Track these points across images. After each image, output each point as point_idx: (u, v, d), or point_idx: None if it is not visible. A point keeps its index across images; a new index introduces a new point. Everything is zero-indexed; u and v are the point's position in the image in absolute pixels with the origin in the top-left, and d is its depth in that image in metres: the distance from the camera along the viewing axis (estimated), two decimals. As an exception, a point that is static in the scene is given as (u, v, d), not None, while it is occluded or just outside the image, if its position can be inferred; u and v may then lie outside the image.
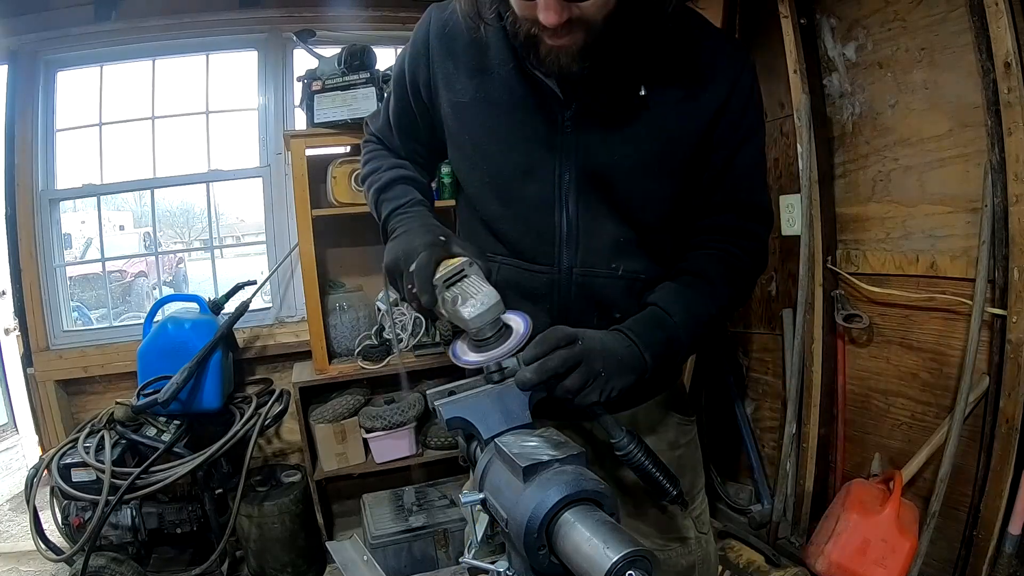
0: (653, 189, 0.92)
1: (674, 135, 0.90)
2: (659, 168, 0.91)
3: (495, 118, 0.93)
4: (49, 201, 2.62)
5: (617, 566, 0.51)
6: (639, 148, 0.90)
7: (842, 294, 2.07)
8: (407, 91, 1.01)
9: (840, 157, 2.09)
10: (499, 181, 0.95)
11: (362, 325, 2.48)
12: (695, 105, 0.89)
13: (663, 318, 0.88)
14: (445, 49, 0.94)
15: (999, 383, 1.64)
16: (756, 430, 2.49)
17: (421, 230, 0.88)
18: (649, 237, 0.94)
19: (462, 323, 0.79)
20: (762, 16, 2.21)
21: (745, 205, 0.96)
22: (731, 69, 0.90)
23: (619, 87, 0.87)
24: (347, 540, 0.90)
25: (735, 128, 0.92)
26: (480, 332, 0.80)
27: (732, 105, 0.90)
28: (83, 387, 2.58)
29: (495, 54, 0.91)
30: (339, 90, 2.29)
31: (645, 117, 0.89)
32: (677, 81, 0.88)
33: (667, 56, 0.88)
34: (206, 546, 2.23)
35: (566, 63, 0.81)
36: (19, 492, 2.94)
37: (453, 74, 0.94)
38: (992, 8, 1.52)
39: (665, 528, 1.08)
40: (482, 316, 0.78)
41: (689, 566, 1.10)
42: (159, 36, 2.63)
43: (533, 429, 0.76)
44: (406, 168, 1.04)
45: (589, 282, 0.94)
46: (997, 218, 1.61)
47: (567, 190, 0.92)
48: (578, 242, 0.93)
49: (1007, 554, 1.63)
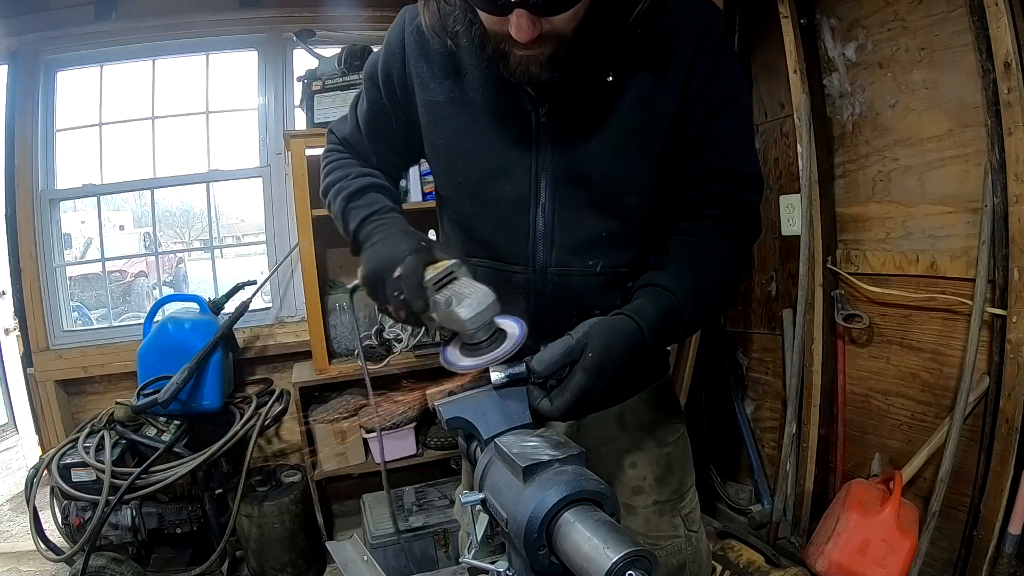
0: (633, 172, 0.90)
1: (648, 111, 0.88)
2: (637, 149, 0.89)
3: (469, 118, 0.92)
4: (49, 201, 2.62)
5: (617, 566, 0.52)
6: (613, 131, 0.88)
7: (842, 294, 2.07)
8: (381, 92, 1.00)
9: (840, 157, 2.09)
10: (474, 181, 0.94)
11: (362, 325, 2.48)
12: (664, 75, 0.87)
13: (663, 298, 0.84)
14: (420, 50, 0.94)
15: (999, 383, 1.64)
16: (756, 430, 2.49)
17: (401, 235, 0.86)
18: (632, 227, 0.92)
19: (458, 325, 0.77)
20: (762, 16, 2.21)
21: (733, 173, 0.92)
22: (697, 27, 0.87)
23: (588, 78, 0.87)
24: (347, 540, 0.90)
25: (707, 87, 0.88)
26: (475, 334, 0.77)
27: (701, 65, 0.87)
28: (83, 387, 2.58)
29: (467, 55, 0.91)
30: (339, 90, 2.29)
31: (616, 100, 0.87)
32: (644, 57, 0.87)
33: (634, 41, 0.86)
34: (206, 546, 2.23)
35: (536, 72, 0.81)
36: (19, 492, 2.94)
37: (427, 74, 0.94)
38: (992, 8, 1.52)
39: (654, 526, 1.08)
40: (480, 316, 0.76)
41: (680, 564, 1.10)
42: (159, 36, 2.63)
43: (533, 429, 0.76)
44: (375, 176, 1.02)
45: (565, 280, 0.93)
46: (997, 218, 1.61)
47: (543, 188, 0.91)
48: (553, 240, 0.92)
49: (1007, 554, 1.63)
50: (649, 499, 1.07)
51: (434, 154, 0.99)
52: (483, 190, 0.94)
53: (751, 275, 2.46)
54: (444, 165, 0.98)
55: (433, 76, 0.94)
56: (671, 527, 1.09)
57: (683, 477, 1.11)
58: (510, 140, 0.91)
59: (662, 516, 1.08)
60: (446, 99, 0.93)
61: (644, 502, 1.07)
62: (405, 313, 0.80)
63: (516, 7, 0.73)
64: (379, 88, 1.00)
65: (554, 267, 0.93)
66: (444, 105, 0.94)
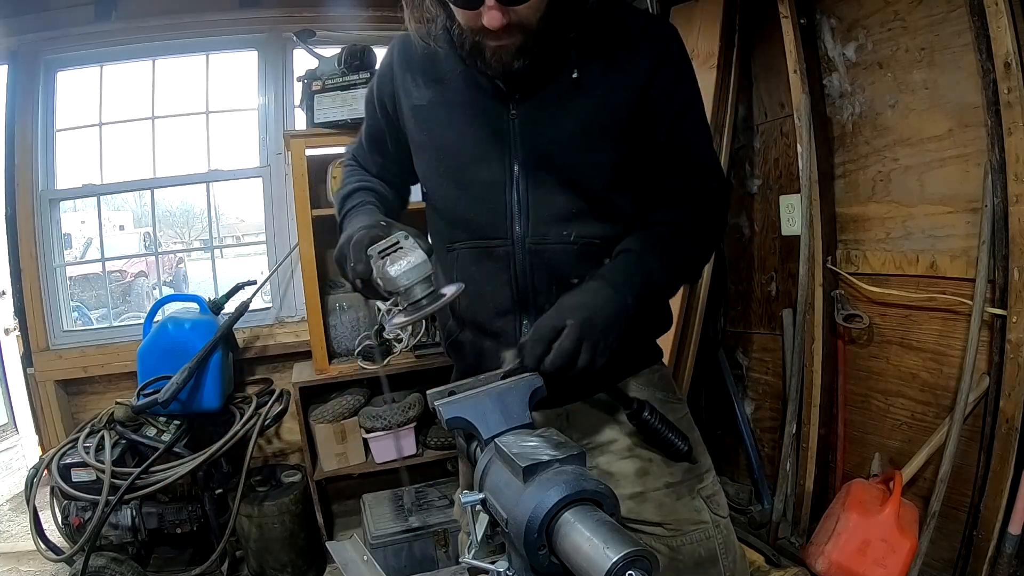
0: (595, 159, 0.99)
1: (609, 108, 0.98)
2: (598, 140, 0.99)
3: (449, 115, 1.03)
4: (49, 201, 2.62)
5: (617, 566, 0.52)
6: (577, 124, 0.98)
7: (842, 294, 2.07)
8: (376, 111, 1.14)
9: (840, 157, 2.09)
10: (454, 167, 1.04)
11: (362, 325, 2.48)
12: (625, 78, 0.98)
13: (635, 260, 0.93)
14: (405, 65, 1.07)
15: (999, 383, 1.64)
16: (756, 430, 2.50)
17: (365, 218, 1.00)
18: (598, 204, 1.00)
19: (392, 284, 0.83)
20: (762, 16, 2.21)
21: (696, 166, 1.03)
22: (658, 42, 1.00)
23: (555, 74, 0.97)
24: (347, 540, 0.90)
25: (670, 97, 0.99)
26: (410, 293, 0.83)
27: (662, 76, 0.98)
28: (83, 387, 2.58)
29: (446, 64, 1.03)
30: (339, 90, 2.29)
31: (580, 96, 0.98)
32: (606, 60, 0.98)
33: (595, 40, 0.98)
34: (206, 546, 2.23)
35: (508, 61, 0.92)
36: (19, 492, 2.94)
37: (412, 84, 1.06)
38: (992, 8, 1.52)
39: (671, 511, 1.04)
40: (408, 273, 0.82)
41: (710, 553, 1.04)
42: (159, 36, 2.63)
43: (533, 429, 0.76)
44: (367, 181, 1.16)
45: (541, 250, 1.00)
46: (997, 218, 1.61)
47: (516, 171, 1.00)
48: (529, 215, 1.00)
49: (1007, 554, 1.63)
50: (660, 480, 1.04)
51: (420, 151, 1.09)
52: (464, 174, 1.03)
53: (751, 275, 2.47)
54: (429, 158, 1.07)
55: (417, 85, 1.06)
56: (692, 510, 1.05)
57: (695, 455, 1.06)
58: (486, 133, 1.01)
59: (679, 499, 1.04)
60: (428, 103, 1.04)
61: (654, 484, 1.04)
62: (359, 281, 0.89)
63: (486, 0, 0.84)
64: (375, 109, 1.14)
65: (531, 239, 1.00)
66: (427, 108, 1.05)
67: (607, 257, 0.97)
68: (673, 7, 2.42)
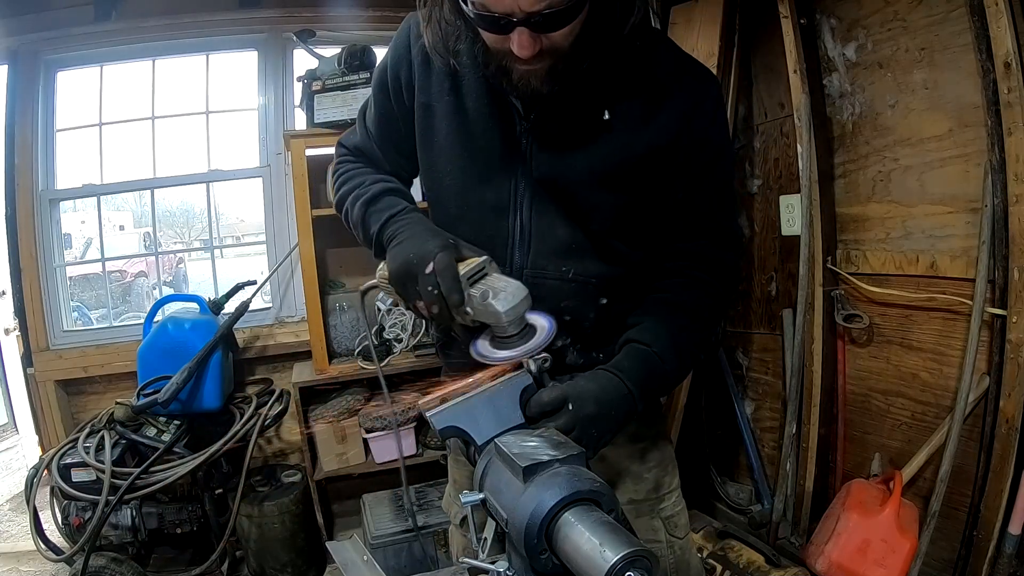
0: (603, 200, 0.94)
1: (633, 153, 0.92)
2: (612, 182, 0.93)
3: (460, 124, 0.96)
4: (49, 201, 2.62)
5: (617, 566, 0.52)
6: (595, 164, 0.92)
7: (842, 294, 2.07)
8: (390, 96, 1.02)
9: (840, 157, 2.09)
10: (459, 184, 0.98)
11: (362, 325, 2.48)
12: (656, 126, 0.91)
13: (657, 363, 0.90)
14: (423, 55, 0.97)
15: (999, 383, 1.64)
16: (756, 430, 2.49)
17: (428, 233, 0.88)
18: (597, 241, 0.96)
19: (493, 318, 0.79)
20: (762, 16, 2.21)
21: (717, 231, 0.99)
22: (696, 92, 0.93)
23: (583, 108, 0.91)
24: (347, 540, 0.90)
25: (700, 151, 0.94)
26: (508, 327, 0.79)
27: (695, 127, 0.92)
28: (83, 387, 2.58)
29: (465, 68, 0.95)
30: (339, 90, 2.29)
31: (605, 137, 0.92)
32: (639, 100, 0.91)
33: (631, 78, 0.91)
34: (206, 546, 2.23)
35: (537, 85, 0.86)
36: (19, 492, 2.94)
37: (427, 78, 0.98)
38: (992, 8, 1.52)
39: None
40: (515, 309, 0.78)
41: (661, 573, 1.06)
42: (159, 36, 2.63)
43: (531, 429, 0.76)
44: (391, 181, 1.03)
45: (539, 283, 0.95)
46: (997, 218, 1.61)
47: (521, 196, 0.95)
48: (530, 245, 0.96)
49: (1007, 554, 1.63)
50: (624, 497, 1.05)
51: (425, 155, 1.02)
52: (468, 194, 0.98)
53: (751, 275, 2.46)
54: (433, 167, 1.01)
55: (431, 82, 0.97)
56: (649, 530, 1.06)
57: (661, 476, 1.08)
58: (496, 151, 0.95)
59: (639, 517, 1.05)
60: (441, 104, 0.97)
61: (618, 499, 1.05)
62: (439, 308, 0.80)
63: (518, 26, 0.77)
64: (388, 92, 1.02)
65: (530, 270, 0.96)
66: (438, 110, 0.97)
67: (603, 296, 0.96)
68: (673, 7, 2.41)
